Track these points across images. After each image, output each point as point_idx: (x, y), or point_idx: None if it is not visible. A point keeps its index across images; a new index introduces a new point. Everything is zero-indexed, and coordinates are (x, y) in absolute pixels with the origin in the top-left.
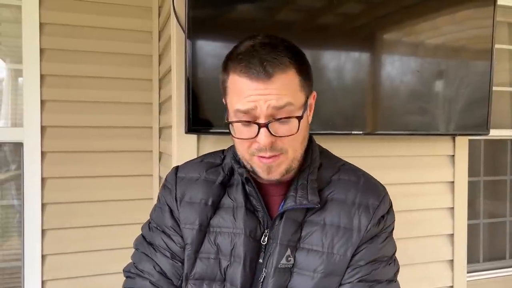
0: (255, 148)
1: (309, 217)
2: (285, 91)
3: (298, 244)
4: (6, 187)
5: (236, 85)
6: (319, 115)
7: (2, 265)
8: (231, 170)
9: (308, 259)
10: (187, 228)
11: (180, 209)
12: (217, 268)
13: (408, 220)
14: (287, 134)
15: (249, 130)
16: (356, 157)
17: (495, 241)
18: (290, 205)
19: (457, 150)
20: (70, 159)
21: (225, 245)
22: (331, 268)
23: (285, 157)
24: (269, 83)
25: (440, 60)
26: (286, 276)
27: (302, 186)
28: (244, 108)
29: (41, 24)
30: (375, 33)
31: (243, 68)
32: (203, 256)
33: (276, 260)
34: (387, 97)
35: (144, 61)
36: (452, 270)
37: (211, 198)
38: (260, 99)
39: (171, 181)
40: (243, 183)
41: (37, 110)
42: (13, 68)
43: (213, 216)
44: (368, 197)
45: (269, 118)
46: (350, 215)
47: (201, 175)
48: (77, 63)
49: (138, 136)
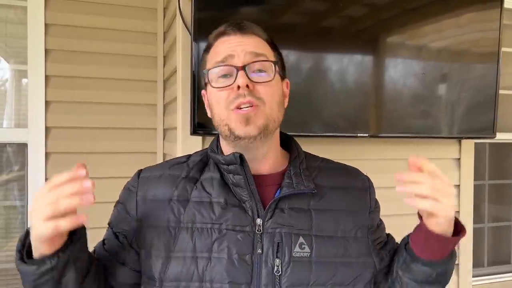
0: (232, 97)
1: (315, 203)
2: (259, 46)
3: (310, 231)
4: (10, 187)
5: (215, 48)
6: (324, 117)
7: (5, 266)
8: (201, 165)
9: (327, 246)
10: (153, 227)
11: (144, 209)
12: (194, 267)
13: (414, 224)
14: (263, 80)
15: (227, 80)
16: (361, 160)
17: (500, 245)
18: (289, 191)
19: (463, 154)
20: (74, 161)
21: (203, 242)
22: (349, 252)
23: (262, 109)
24: (245, 36)
25: (446, 63)
26: (306, 268)
27: (296, 174)
28: (222, 56)
29: (46, 25)
30: (385, 36)
31: (220, 29)
32: (178, 255)
33: (289, 248)
34: (393, 100)
35: (148, 62)
36: (458, 274)
37: (176, 193)
38: (237, 47)
39: (133, 182)
40: (222, 177)
41: (42, 111)
42: (18, 69)
43: (184, 211)
44: (357, 180)
45: (245, 63)
46: (351, 198)
47: (164, 172)
48: (81, 64)
49: (142, 137)
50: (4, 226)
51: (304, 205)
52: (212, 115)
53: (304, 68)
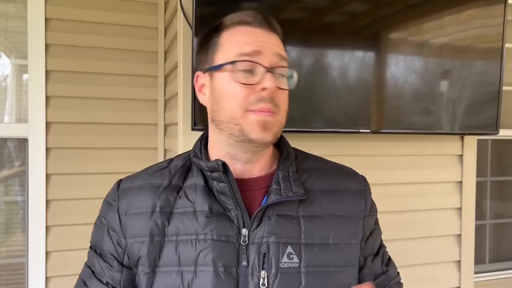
0: (253, 99)
1: (304, 210)
2: (282, 48)
3: (299, 240)
4: (10, 183)
5: (237, 34)
6: (326, 113)
7: (6, 261)
8: (183, 171)
9: (318, 255)
10: (137, 242)
11: (126, 222)
12: (179, 281)
13: (415, 220)
14: (284, 87)
15: (250, 78)
16: (362, 156)
17: (502, 242)
18: (276, 198)
19: (466, 150)
20: (75, 156)
21: (188, 255)
22: (343, 260)
23: (277, 117)
24: (272, 33)
25: (449, 59)
26: (295, 279)
27: (284, 179)
28: (250, 50)
29: (47, 19)
30: (386, 32)
31: (245, 18)
32: (164, 270)
33: (276, 259)
34: (395, 96)
35: (149, 57)
36: (459, 271)
37: (159, 203)
38: (265, 45)
39: (113, 195)
40: (206, 184)
41: (42, 106)
42: (18, 64)
43: (169, 224)
44: (352, 182)
45: (273, 65)
46: (343, 202)
47: (144, 182)
48: (82, 59)
49: (143, 133)
50: (4, 221)
51: (292, 211)
52: (216, 109)
53: (305, 64)
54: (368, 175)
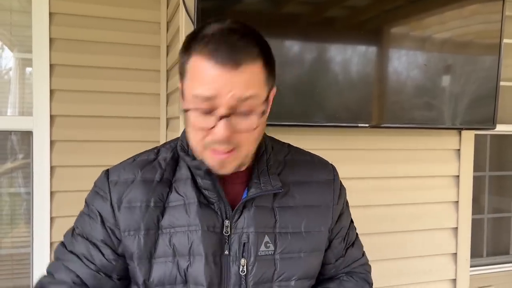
0: (209, 140)
1: (278, 201)
2: (251, 83)
3: (274, 229)
4: (15, 175)
5: (199, 69)
6: (325, 108)
7: (11, 251)
8: (173, 164)
9: (291, 242)
10: (131, 235)
11: (120, 215)
12: (176, 270)
13: (413, 213)
14: (246, 129)
15: (206, 119)
16: (361, 150)
17: (499, 236)
18: (256, 192)
19: (463, 145)
20: (79, 148)
21: (182, 245)
22: (313, 245)
23: (238, 153)
24: (236, 72)
25: (447, 54)
26: (270, 265)
27: (263, 173)
28: (205, 94)
29: (51, 14)
30: (382, 27)
31: (210, 51)
32: (160, 260)
33: (255, 248)
34: (393, 91)
35: (152, 51)
36: (456, 263)
37: (153, 199)
38: (224, 88)
39: (103, 187)
40: (193, 176)
41: (46, 99)
42: (22, 58)
43: (163, 217)
44: (323, 173)
45: (231, 109)
46: (314, 193)
47: (136, 175)
48: (86, 53)
49: (145, 126)
50: (10, 213)
51: (268, 203)
52: (186, 130)
53: (306, 58)
54: (367, 169)
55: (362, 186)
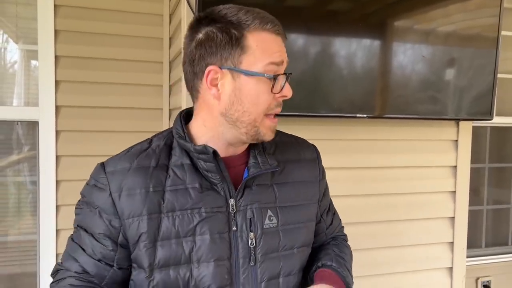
0: (274, 105)
1: (276, 178)
2: None
3: (275, 204)
4: (22, 164)
5: (266, 43)
6: (327, 98)
7: (19, 238)
8: (166, 150)
9: (291, 215)
10: (136, 220)
11: (121, 204)
12: (181, 251)
13: (411, 203)
14: None
15: (275, 85)
16: (361, 140)
17: (498, 227)
18: (256, 171)
19: (461, 135)
20: (84, 138)
21: (186, 227)
22: (308, 216)
23: None
24: (285, 41)
25: (445, 46)
26: (275, 236)
27: (260, 153)
28: (278, 60)
29: (56, 6)
30: (384, 20)
31: (271, 26)
32: (164, 243)
33: (260, 222)
34: (393, 82)
35: (155, 43)
36: (452, 252)
37: (152, 184)
38: (285, 53)
39: (101, 179)
40: (191, 161)
41: (52, 90)
42: (28, 49)
43: (164, 201)
44: (308, 152)
45: None
46: (303, 170)
47: (132, 164)
48: (90, 45)
49: (148, 117)
50: (17, 201)
51: (267, 181)
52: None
53: (310, 51)
54: (366, 159)
55: (361, 175)
